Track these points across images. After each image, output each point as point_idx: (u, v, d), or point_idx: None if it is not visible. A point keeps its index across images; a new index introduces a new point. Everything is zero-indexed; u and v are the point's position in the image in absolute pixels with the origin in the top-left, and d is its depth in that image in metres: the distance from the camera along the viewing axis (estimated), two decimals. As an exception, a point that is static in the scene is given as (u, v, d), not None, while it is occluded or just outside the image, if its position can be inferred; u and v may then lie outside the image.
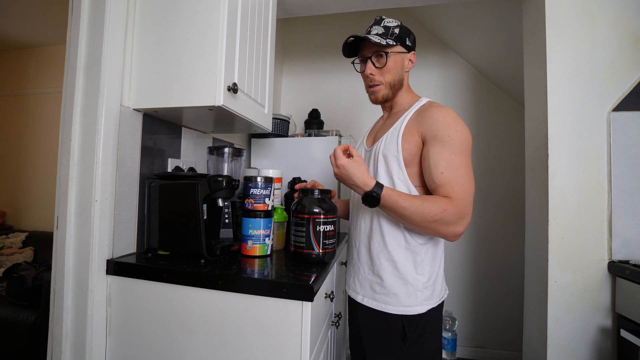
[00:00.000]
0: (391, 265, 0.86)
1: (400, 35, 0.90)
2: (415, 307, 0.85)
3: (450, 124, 0.80)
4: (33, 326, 1.63)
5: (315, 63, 2.47)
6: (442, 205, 0.76)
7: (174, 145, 1.18)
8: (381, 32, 0.89)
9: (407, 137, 0.85)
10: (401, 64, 0.92)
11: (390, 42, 0.88)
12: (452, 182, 0.77)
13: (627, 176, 1.18)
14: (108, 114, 0.89)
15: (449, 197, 0.77)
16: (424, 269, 0.86)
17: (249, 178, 0.98)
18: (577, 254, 1.20)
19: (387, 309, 0.86)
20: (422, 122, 0.84)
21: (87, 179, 0.87)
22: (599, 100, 1.21)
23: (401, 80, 0.93)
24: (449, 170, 0.78)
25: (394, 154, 0.86)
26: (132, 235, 0.98)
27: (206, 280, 0.81)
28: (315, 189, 0.94)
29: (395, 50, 0.90)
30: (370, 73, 0.91)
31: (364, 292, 0.92)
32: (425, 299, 0.85)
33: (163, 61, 0.94)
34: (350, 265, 1.00)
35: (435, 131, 0.81)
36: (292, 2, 1.56)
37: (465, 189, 0.78)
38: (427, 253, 0.87)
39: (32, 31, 2.49)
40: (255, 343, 0.77)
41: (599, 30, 1.22)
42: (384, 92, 0.93)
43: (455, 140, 0.79)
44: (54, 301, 0.89)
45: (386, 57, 0.89)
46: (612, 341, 1.16)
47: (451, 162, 0.78)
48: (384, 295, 0.87)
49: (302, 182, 1.16)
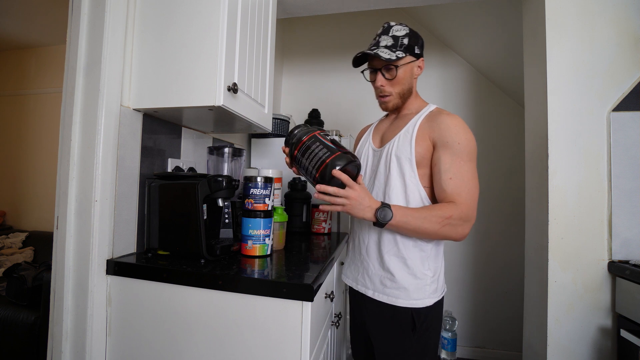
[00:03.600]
0: (401, 261, 0.91)
1: (409, 45, 0.91)
2: (424, 300, 0.90)
3: (460, 133, 0.85)
4: (33, 326, 1.63)
5: (315, 63, 2.46)
6: (448, 211, 0.82)
7: (174, 145, 1.18)
8: (390, 44, 0.91)
9: (419, 141, 0.89)
10: (410, 73, 0.94)
11: (400, 55, 0.89)
12: (459, 188, 0.83)
13: (627, 176, 1.18)
14: (108, 114, 0.89)
15: (454, 203, 0.83)
16: (429, 265, 0.91)
17: (249, 178, 0.98)
18: (577, 254, 1.20)
19: (398, 303, 0.90)
20: (434, 128, 0.88)
21: (87, 179, 0.87)
22: (599, 100, 1.21)
23: (410, 88, 0.96)
24: (458, 176, 0.84)
25: (407, 155, 0.90)
26: (132, 235, 0.98)
27: (206, 280, 0.81)
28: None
29: (405, 61, 0.92)
30: (381, 85, 0.94)
31: (374, 287, 0.95)
32: (432, 292, 0.91)
33: (163, 61, 0.94)
34: (357, 261, 1.02)
35: (446, 138, 0.85)
36: (292, 2, 1.56)
37: (471, 194, 0.84)
38: (432, 250, 0.92)
39: (32, 31, 2.49)
40: (255, 343, 0.77)
41: (599, 30, 1.22)
42: (394, 102, 0.96)
43: (464, 148, 0.85)
44: (54, 301, 0.89)
45: (396, 70, 0.91)
46: (612, 341, 1.16)
47: (460, 168, 0.84)
48: (394, 290, 0.91)
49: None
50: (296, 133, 0.90)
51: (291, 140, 0.90)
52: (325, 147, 0.84)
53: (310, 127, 0.91)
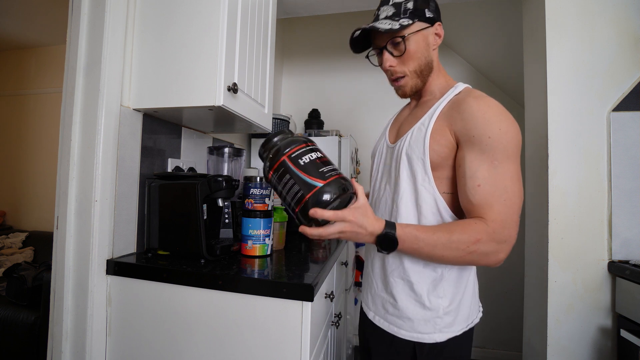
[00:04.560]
0: (407, 285, 0.73)
1: (416, 9, 0.72)
2: (432, 334, 0.70)
3: (491, 122, 0.63)
4: (33, 326, 1.63)
5: (315, 63, 2.47)
6: (474, 233, 0.61)
7: (174, 145, 1.18)
8: (391, 13, 0.72)
9: (436, 136, 0.69)
10: (425, 43, 0.74)
11: (404, 23, 0.70)
12: (491, 198, 0.62)
13: (627, 176, 1.18)
14: (108, 114, 0.89)
15: (483, 220, 0.62)
16: (446, 291, 0.71)
17: (249, 178, 0.98)
18: (577, 254, 1.20)
19: (399, 333, 0.73)
20: (456, 117, 0.67)
21: (87, 179, 0.87)
22: (599, 100, 1.21)
23: (429, 62, 0.75)
24: (489, 182, 0.62)
25: (419, 155, 0.70)
26: (132, 235, 0.98)
27: (206, 280, 0.81)
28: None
29: (414, 29, 0.72)
30: (390, 65, 0.74)
31: (375, 310, 0.80)
32: (446, 325, 0.70)
33: (163, 61, 0.94)
34: (365, 275, 0.89)
35: (472, 130, 0.64)
36: (292, 2, 1.56)
37: (508, 206, 0.62)
38: (451, 271, 0.71)
39: (32, 31, 2.49)
40: (255, 343, 0.77)
41: (599, 30, 1.22)
42: (412, 84, 0.76)
43: (498, 144, 0.63)
44: (54, 301, 0.89)
45: (404, 42, 0.72)
46: (612, 341, 1.16)
47: (492, 172, 0.63)
48: (396, 318, 0.74)
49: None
50: (275, 142, 0.67)
51: (265, 152, 0.68)
52: (304, 174, 0.61)
53: (294, 138, 0.68)
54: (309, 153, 0.64)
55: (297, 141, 0.66)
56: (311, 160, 0.63)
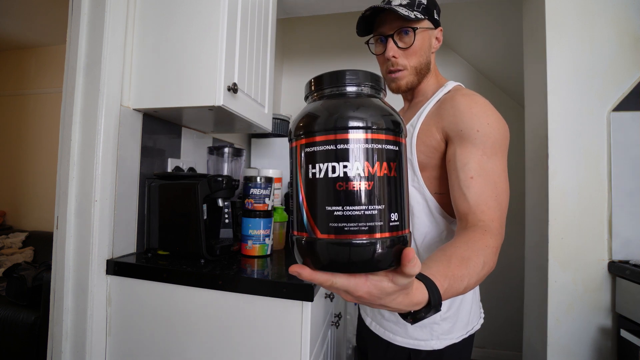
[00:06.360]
0: None
1: (428, 7, 0.71)
2: (429, 341, 0.68)
3: (478, 116, 0.63)
4: (33, 326, 1.63)
5: (315, 63, 2.46)
6: (488, 250, 0.53)
7: (174, 145, 1.18)
8: (405, 3, 0.69)
9: (422, 137, 0.69)
10: (428, 44, 0.73)
11: (418, 16, 0.68)
12: (485, 193, 0.59)
13: (627, 176, 1.18)
14: (108, 114, 0.89)
15: (484, 228, 0.56)
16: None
17: (249, 178, 0.98)
18: (577, 254, 1.20)
19: (394, 340, 0.71)
20: (444, 114, 0.66)
21: (87, 179, 0.87)
22: (599, 100, 1.21)
23: (428, 63, 0.75)
24: (481, 175, 0.60)
25: (407, 156, 0.68)
26: (132, 235, 0.98)
27: (206, 280, 0.81)
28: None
29: (424, 25, 0.71)
30: (393, 55, 0.71)
31: (372, 314, 0.79)
32: (445, 332, 0.68)
33: (163, 61, 0.94)
34: None
35: (459, 125, 0.63)
36: (292, 2, 1.56)
37: (500, 203, 0.59)
38: None
39: (32, 31, 2.49)
40: (255, 343, 0.77)
41: (599, 30, 1.22)
42: (409, 80, 0.74)
43: (487, 138, 0.61)
44: (54, 301, 0.89)
45: (414, 35, 0.69)
46: (612, 341, 1.16)
47: (483, 165, 0.60)
48: (392, 324, 0.72)
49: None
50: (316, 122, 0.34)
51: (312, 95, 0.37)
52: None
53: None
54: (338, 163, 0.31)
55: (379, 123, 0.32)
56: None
